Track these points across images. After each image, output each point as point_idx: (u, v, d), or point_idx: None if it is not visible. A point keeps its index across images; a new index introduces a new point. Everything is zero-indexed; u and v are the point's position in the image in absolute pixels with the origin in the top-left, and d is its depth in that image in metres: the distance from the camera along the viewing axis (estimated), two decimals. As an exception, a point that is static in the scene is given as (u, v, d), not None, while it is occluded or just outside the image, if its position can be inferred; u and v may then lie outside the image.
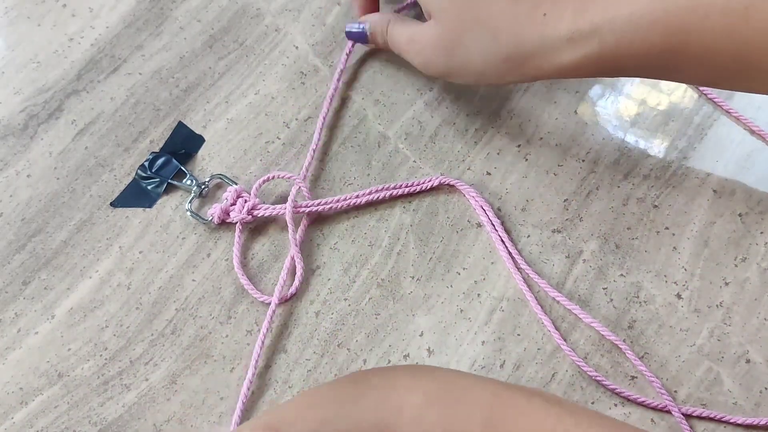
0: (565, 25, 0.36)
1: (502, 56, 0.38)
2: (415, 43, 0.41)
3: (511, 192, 0.44)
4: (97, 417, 0.39)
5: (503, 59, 0.38)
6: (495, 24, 0.37)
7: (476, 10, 0.38)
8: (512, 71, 0.39)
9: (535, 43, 0.37)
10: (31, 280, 0.41)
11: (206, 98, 0.46)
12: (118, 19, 0.48)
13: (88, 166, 0.44)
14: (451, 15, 0.39)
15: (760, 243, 0.43)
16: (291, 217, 0.42)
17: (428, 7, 0.40)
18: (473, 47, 0.38)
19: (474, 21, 0.38)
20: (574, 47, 0.36)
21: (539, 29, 0.36)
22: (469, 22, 0.38)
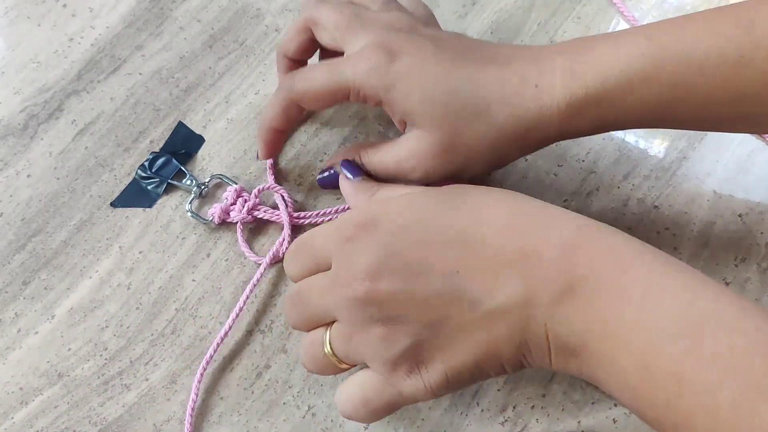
0: (559, 93, 0.35)
1: (504, 139, 0.36)
2: (407, 160, 0.37)
3: (511, 192, 0.44)
4: (97, 417, 0.39)
5: (506, 141, 0.36)
6: (489, 111, 0.36)
7: (465, 104, 0.36)
8: (517, 149, 0.38)
9: (533, 117, 0.36)
10: (31, 280, 0.41)
11: (206, 98, 0.46)
12: (118, 19, 0.48)
13: (88, 166, 0.44)
14: (441, 118, 0.36)
15: (760, 243, 0.43)
16: (288, 224, 0.42)
17: (409, 117, 0.37)
18: (474, 141, 0.36)
19: (467, 116, 0.36)
20: (571, 112, 0.35)
21: (535, 103, 0.35)
22: (462, 119, 0.36)
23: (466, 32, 0.49)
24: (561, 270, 0.29)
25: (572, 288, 0.29)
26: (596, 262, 0.29)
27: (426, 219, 0.32)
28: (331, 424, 0.39)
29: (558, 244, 0.30)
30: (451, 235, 0.31)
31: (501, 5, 0.49)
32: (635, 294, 0.28)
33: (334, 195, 0.44)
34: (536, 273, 0.30)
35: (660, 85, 0.34)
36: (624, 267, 0.29)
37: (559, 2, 0.49)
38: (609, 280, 0.29)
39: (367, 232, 0.32)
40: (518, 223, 0.31)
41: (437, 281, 0.31)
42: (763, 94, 0.34)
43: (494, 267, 0.30)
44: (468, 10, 0.49)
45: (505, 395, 0.40)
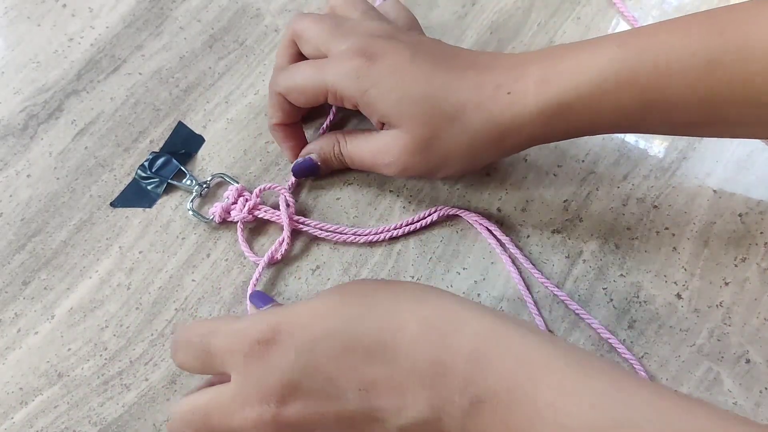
0: (533, 100, 0.36)
1: (479, 142, 0.37)
2: (384, 154, 0.39)
3: (510, 192, 0.44)
4: (97, 417, 0.39)
5: (480, 145, 0.37)
6: (465, 115, 0.37)
7: (441, 107, 0.37)
8: (491, 152, 0.38)
9: (507, 122, 0.36)
10: (31, 280, 0.41)
11: (206, 98, 0.46)
12: (118, 19, 0.48)
13: (88, 166, 0.44)
14: (417, 119, 0.37)
15: (760, 243, 0.43)
16: (288, 226, 0.42)
17: (387, 118, 0.38)
18: (449, 142, 0.37)
19: (443, 118, 0.37)
20: (545, 118, 0.36)
21: (508, 109, 0.36)
22: (438, 121, 0.37)
23: (466, 33, 0.49)
24: (470, 383, 0.29)
25: (482, 402, 0.28)
26: (506, 374, 0.28)
27: (335, 330, 0.30)
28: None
29: (467, 354, 0.29)
30: (362, 349, 0.30)
31: (501, 5, 0.49)
32: (548, 407, 0.27)
33: (334, 195, 0.44)
34: (447, 387, 0.29)
35: (631, 90, 0.35)
36: (533, 378, 0.28)
37: (559, 3, 0.50)
38: (520, 394, 0.28)
39: (271, 348, 0.30)
40: (429, 331, 0.30)
41: (347, 401, 0.30)
42: (731, 97, 0.34)
43: (405, 383, 0.30)
44: (468, 10, 0.49)
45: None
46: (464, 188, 0.44)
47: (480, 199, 0.44)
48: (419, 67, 0.37)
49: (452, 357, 0.29)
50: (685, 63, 0.34)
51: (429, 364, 0.29)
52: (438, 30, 0.48)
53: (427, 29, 0.48)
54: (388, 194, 0.44)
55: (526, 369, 0.28)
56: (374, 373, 0.30)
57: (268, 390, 0.30)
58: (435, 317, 0.30)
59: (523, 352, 0.29)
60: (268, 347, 0.30)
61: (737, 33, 0.33)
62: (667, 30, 0.35)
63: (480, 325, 0.30)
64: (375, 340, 0.30)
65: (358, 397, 0.30)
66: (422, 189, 0.44)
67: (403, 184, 0.44)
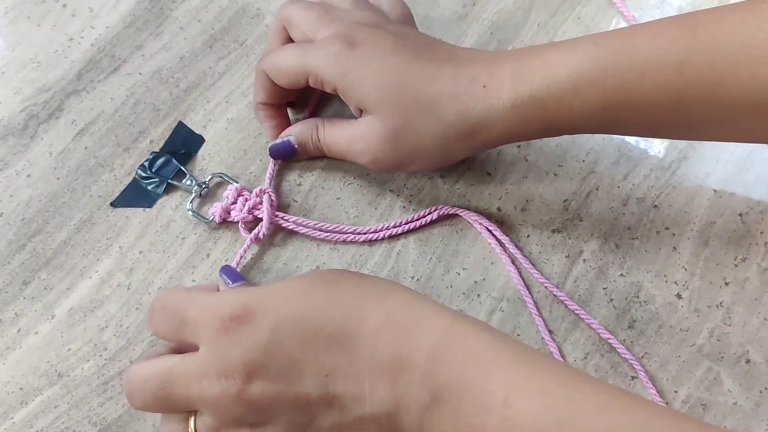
0: (506, 94, 0.36)
1: (452, 134, 0.38)
2: (358, 141, 0.39)
3: (510, 192, 0.44)
4: (97, 417, 0.39)
5: (453, 137, 0.38)
6: (439, 105, 0.37)
7: (417, 96, 0.37)
8: (463, 146, 0.39)
9: (480, 116, 0.37)
10: (31, 280, 0.41)
11: (206, 98, 0.46)
12: (118, 19, 0.48)
13: (88, 166, 0.44)
14: (392, 106, 0.38)
15: (760, 243, 0.43)
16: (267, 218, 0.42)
17: (363, 104, 0.38)
18: (422, 133, 0.38)
19: (417, 107, 0.37)
20: (517, 114, 0.36)
21: (482, 102, 0.37)
22: (412, 110, 0.37)
23: (466, 33, 0.49)
24: (427, 378, 0.30)
25: (438, 396, 0.29)
26: (460, 370, 0.29)
27: (302, 315, 0.31)
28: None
29: (426, 350, 0.30)
30: (325, 335, 0.31)
31: (501, 5, 0.49)
32: (497, 401, 0.28)
33: (334, 195, 0.44)
34: (404, 381, 0.30)
35: (604, 89, 0.35)
36: (486, 374, 0.29)
37: (559, 3, 0.49)
38: (472, 389, 0.29)
39: (241, 326, 0.31)
40: (391, 325, 0.31)
41: (309, 385, 0.31)
42: (701, 98, 0.34)
43: (364, 373, 0.30)
44: (468, 10, 0.49)
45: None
46: (464, 188, 0.44)
47: (480, 199, 0.44)
48: (398, 55, 0.38)
49: (412, 352, 0.30)
50: (656, 63, 0.34)
51: (389, 357, 0.30)
52: (438, 30, 0.48)
53: (427, 29, 0.48)
54: (388, 194, 0.44)
55: (480, 364, 0.29)
56: (335, 360, 0.31)
57: (234, 366, 0.31)
58: (398, 312, 0.31)
59: (477, 350, 0.30)
60: (239, 324, 0.31)
61: (707, 34, 0.34)
62: (642, 31, 0.36)
63: (440, 323, 0.31)
64: (338, 328, 0.31)
65: (319, 382, 0.31)
66: (422, 188, 0.44)
67: (404, 183, 0.44)
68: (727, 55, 0.33)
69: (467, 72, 0.37)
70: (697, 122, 0.36)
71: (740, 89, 0.33)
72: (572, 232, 0.43)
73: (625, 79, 0.35)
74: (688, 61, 0.34)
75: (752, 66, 0.33)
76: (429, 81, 0.37)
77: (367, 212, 0.44)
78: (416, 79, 0.37)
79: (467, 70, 0.37)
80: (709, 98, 0.34)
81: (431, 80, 0.37)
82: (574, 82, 0.35)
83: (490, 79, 0.37)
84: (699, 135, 0.39)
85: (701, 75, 0.34)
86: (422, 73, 0.37)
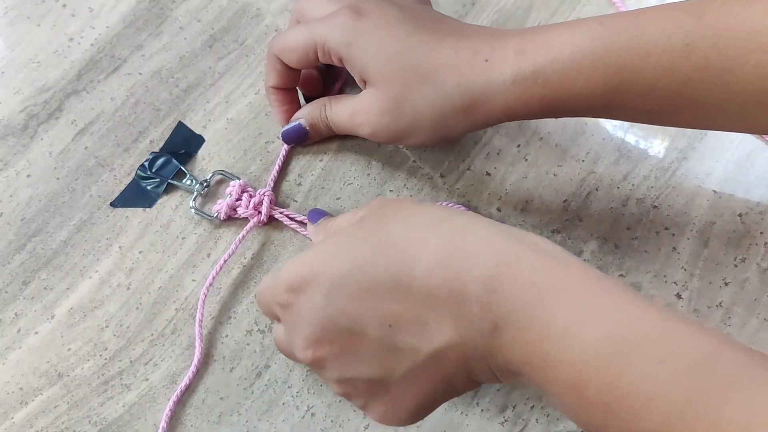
0: (509, 69, 0.36)
1: (450, 107, 0.37)
2: (359, 114, 0.40)
3: (510, 192, 0.44)
4: (97, 417, 0.39)
5: (452, 110, 0.37)
6: (438, 76, 0.37)
7: (416, 66, 0.37)
8: (462, 121, 0.38)
9: (480, 89, 0.36)
10: (31, 280, 0.41)
11: (206, 98, 0.46)
12: (118, 19, 0.48)
13: (88, 166, 0.44)
14: (391, 76, 0.38)
15: (760, 243, 0.43)
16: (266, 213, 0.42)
17: (365, 74, 0.39)
18: (420, 104, 0.38)
19: (416, 77, 0.37)
20: (519, 90, 0.36)
21: (483, 75, 0.36)
22: (411, 80, 0.37)
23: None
24: (485, 309, 0.29)
25: (498, 327, 0.29)
26: (516, 299, 0.29)
27: (351, 271, 0.32)
28: (330, 424, 0.39)
29: (482, 280, 0.30)
30: (378, 286, 0.31)
31: (501, 5, 0.49)
32: (557, 330, 0.28)
33: (334, 195, 0.44)
34: (464, 315, 0.30)
35: (607, 68, 0.35)
36: (544, 301, 0.29)
37: (559, 2, 0.49)
38: (529, 318, 0.29)
39: (298, 298, 0.32)
40: (442, 261, 0.30)
41: (374, 340, 0.31)
42: (707, 83, 0.34)
43: (425, 314, 0.30)
44: (468, 10, 0.49)
45: (504, 395, 0.40)
46: (464, 188, 0.44)
47: (480, 199, 0.44)
48: (401, 26, 0.38)
49: (466, 287, 0.30)
50: (662, 46, 0.34)
51: (446, 294, 0.30)
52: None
53: (427, 29, 0.48)
54: (388, 194, 0.44)
55: (538, 291, 0.29)
56: (394, 309, 0.31)
57: (302, 336, 0.32)
58: (448, 245, 0.31)
59: (534, 275, 0.29)
60: (295, 296, 0.32)
61: (715, 18, 0.33)
62: (648, 13, 0.35)
63: (493, 248, 0.30)
64: (390, 277, 0.31)
65: (384, 333, 0.31)
66: (422, 188, 0.44)
67: (403, 183, 0.44)
68: (735, 40, 0.33)
69: (470, 45, 0.37)
70: (701, 109, 0.36)
71: (747, 77, 0.33)
72: (572, 233, 0.43)
73: (629, 60, 0.34)
74: (694, 44, 0.33)
75: (759, 53, 0.33)
76: (429, 52, 0.37)
77: (367, 212, 0.44)
78: (417, 49, 0.37)
79: (470, 43, 0.37)
80: (715, 84, 0.34)
81: (431, 51, 0.37)
82: (578, 60, 0.35)
83: (493, 53, 0.36)
84: (702, 123, 0.39)
85: (708, 59, 0.33)
86: (423, 44, 0.38)
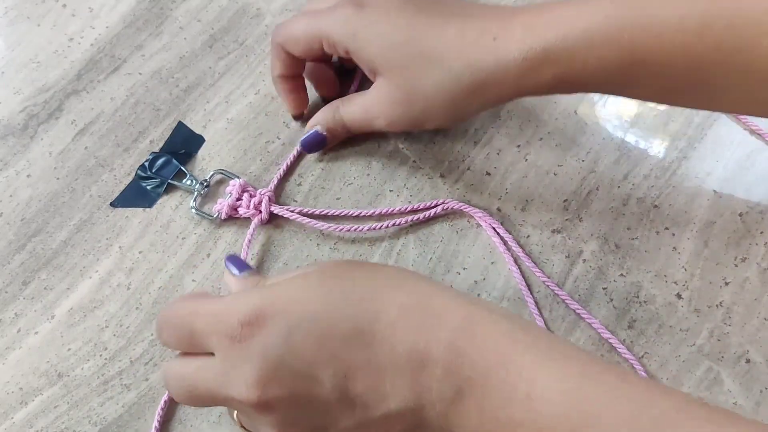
0: (517, 46, 0.35)
1: (461, 88, 0.37)
2: (372, 108, 0.40)
3: (511, 192, 0.44)
4: (97, 417, 0.39)
5: (463, 91, 0.37)
6: (446, 59, 0.37)
7: (423, 51, 0.37)
8: (474, 101, 0.38)
9: (490, 68, 0.36)
10: (31, 280, 0.41)
11: (206, 98, 0.46)
12: (118, 19, 0.48)
13: (88, 166, 0.44)
14: (399, 64, 0.37)
15: (760, 243, 0.43)
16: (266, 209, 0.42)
17: (372, 65, 0.39)
18: (431, 88, 0.37)
19: (424, 63, 0.37)
20: (529, 67, 0.36)
21: (492, 54, 0.36)
22: (419, 66, 0.37)
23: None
24: (449, 372, 0.29)
25: (462, 391, 0.29)
26: (481, 363, 0.29)
27: (314, 315, 0.30)
28: (331, 424, 0.39)
29: (444, 342, 0.29)
30: (340, 334, 0.30)
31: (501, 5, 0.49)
32: (520, 394, 0.28)
33: (334, 195, 0.44)
34: (426, 378, 0.29)
35: (620, 46, 0.34)
36: (508, 365, 0.29)
37: (559, 2, 0.49)
38: (494, 382, 0.28)
39: (252, 334, 0.30)
40: (406, 318, 0.30)
41: (327, 387, 0.30)
42: (720, 63, 0.34)
43: (384, 370, 0.30)
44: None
45: (505, 395, 0.40)
46: (464, 188, 0.44)
47: (480, 199, 0.44)
48: (405, 13, 0.38)
49: (430, 347, 0.29)
50: (675, 25, 0.34)
51: (408, 352, 0.30)
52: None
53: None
54: (388, 194, 0.44)
55: (501, 355, 0.29)
56: (352, 359, 0.30)
57: (249, 376, 0.30)
58: (413, 304, 0.30)
59: (497, 341, 0.29)
60: (249, 331, 0.30)
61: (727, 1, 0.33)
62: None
63: (458, 313, 0.30)
64: (353, 325, 0.30)
65: (338, 383, 0.30)
66: (422, 188, 0.44)
67: (404, 183, 0.44)
68: (748, 21, 0.33)
69: (476, 25, 0.37)
70: (714, 89, 0.35)
71: (760, 58, 0.33)
72: (572, 232, 0.43)
73: (642, 39, 0.34)
74: (708, 24, 0.33)
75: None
76: (435, 36, 0.37)
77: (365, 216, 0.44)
78: (422, 34, 0.37)
79: (476, 23, 0.37)
80: (729, 64, 0.33)
81: (438, 35, 0.37)
82: (589, 37, 0.34)
83: (501, 31, 0.36)
84: (716, 104, 0.38)
85: (722, 40, 0.33)
86: (428, 28, 0.37)
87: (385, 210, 0.43)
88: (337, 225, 0.42)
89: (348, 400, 0.30)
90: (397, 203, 0.44)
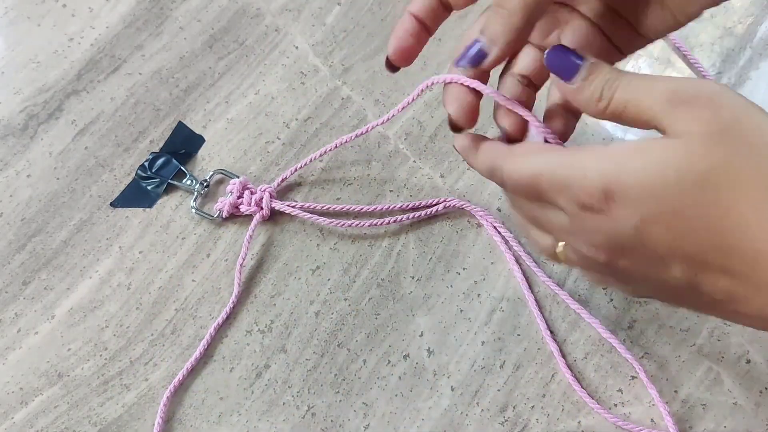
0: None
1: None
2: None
3: (511, 192, 0.44)
4: (97, 417, 0.39)
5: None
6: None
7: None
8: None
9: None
10: (31, 280, 0.41)
11: (206, 98, 0.46)
12: (118, 19, 0.48)
13: (88, 166, 0.44)
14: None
15: (760, 243, 0.43)
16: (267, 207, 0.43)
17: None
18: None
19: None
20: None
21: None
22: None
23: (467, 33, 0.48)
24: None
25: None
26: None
27: (671, 218, 0.28)
28: (330, 424, 0.39)
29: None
30: (696, 243, 0.28)
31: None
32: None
33: (334, 195, 0.44)
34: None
35: None
36: None
37: (559, 2, 0.49)
38: None
39: (602, 211, 0.29)
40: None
41: (676, 276, 0.29)
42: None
43: (747, 285, 0.28)
44: (469, 9, 0.49)
45: (505, 395, 0.40)
46: (464, 188, 0.44)
47: (480, 199, 0.44)
48: None
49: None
50: None
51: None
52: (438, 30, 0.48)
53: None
54: (388, 194, 0.44)
55: None
56: (706, 261, 0.28)
57: (600, 241, 0.30)
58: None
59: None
60: (606, 203, 0.29)
61: None
62: None
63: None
64: (717, 231, 0.28)
65: (688, 275, 0.29)
66: (422, 188, 0.44)
67: (404, 183, 0.44)
68: None
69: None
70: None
71: None
72: (572, 232, 0.43)
73: None
74: None
75: None
76: None
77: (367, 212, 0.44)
78: None
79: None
80: None
81: None
82: None
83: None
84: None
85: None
86: None
87: (386, 206, 0.43)
88: (339, 221, 0.42)
89: (696, 290, 0.29)
90: (397, 203, 0.44)
